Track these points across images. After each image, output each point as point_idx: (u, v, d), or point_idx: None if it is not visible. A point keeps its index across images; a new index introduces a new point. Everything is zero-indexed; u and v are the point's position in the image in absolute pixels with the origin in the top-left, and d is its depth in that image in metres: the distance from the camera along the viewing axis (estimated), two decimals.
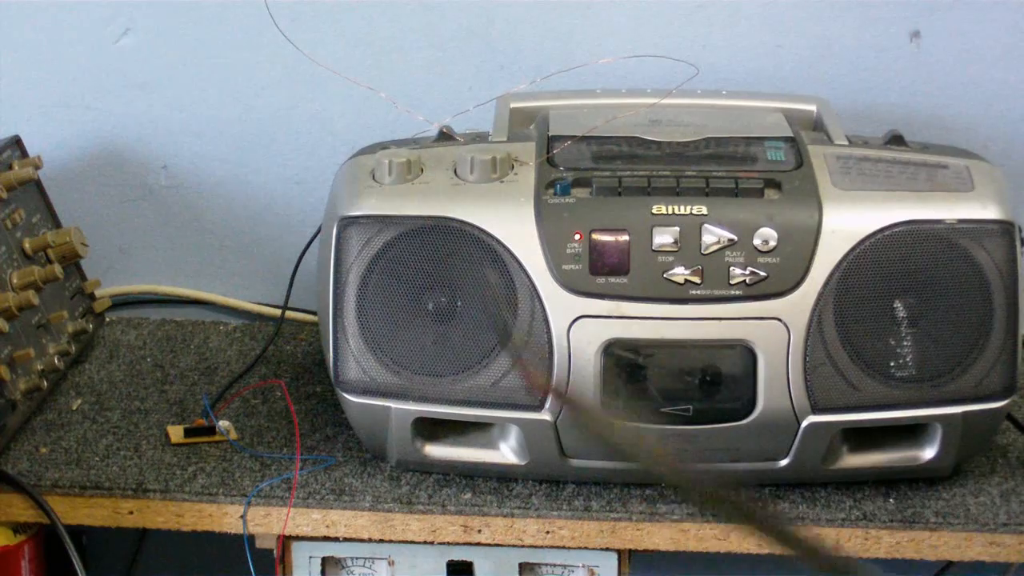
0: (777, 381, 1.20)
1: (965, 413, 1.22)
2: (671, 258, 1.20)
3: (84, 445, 1.33)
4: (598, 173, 1.24)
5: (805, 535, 0.82)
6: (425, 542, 1.25)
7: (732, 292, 1.19)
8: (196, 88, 1.60)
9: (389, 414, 1.24)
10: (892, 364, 1.21)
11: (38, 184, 1.48)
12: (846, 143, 1.30)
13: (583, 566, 1.27)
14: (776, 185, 1.22)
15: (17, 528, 1.33)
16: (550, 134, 1.30)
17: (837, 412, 1.21)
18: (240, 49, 1.58)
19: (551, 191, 1.22)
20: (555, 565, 1.28)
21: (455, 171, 1.25)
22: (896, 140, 1.31)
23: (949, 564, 1.51)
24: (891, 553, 1.23)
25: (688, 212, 1.20)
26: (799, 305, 1.19)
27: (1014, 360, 1.22)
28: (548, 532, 1.24)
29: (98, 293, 1.54)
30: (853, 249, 1.20)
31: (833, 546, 1.15)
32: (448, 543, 1.26)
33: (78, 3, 1.57)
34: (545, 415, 1.22)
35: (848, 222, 1.20)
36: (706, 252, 1.20)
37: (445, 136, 1.32)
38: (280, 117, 1.60)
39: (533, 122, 1.36)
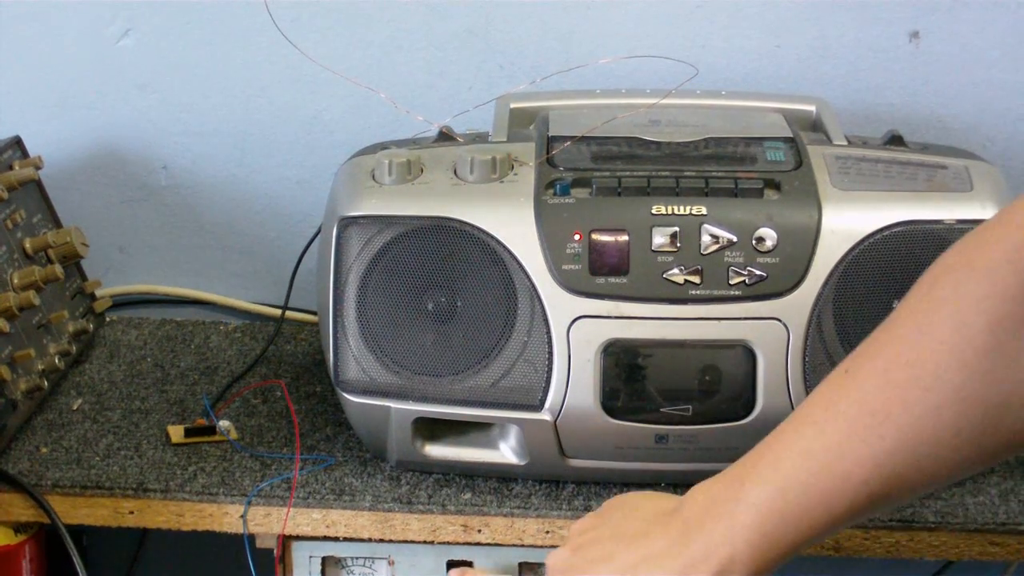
0: (777, 381, 1.20)
1: None
2: (671, 258, 1.20)
3: (84, 445, 1.33)
4: (598, 173, 1.24)
5: None
6: (425, 542, 1.26)
7: (731, 292, 1.20)
8: (196, 88, 1.60)
9: (389, 414, 1.24)
10: None
11: (39, 184, 1.48)
12: (845, 143, 1.30)
13: None
14: (775, 185, 1.23)
15: (18, 528, 1.33)
16: (550, 134, 1.30)
17: None
18: (240, 49, 1.58)
19: (551, 191, 1.23)
20: None
21: (455, 171, 1.25)
22: (895, 140, 1.31)
23: (948, 564, 1.52)
24: (890, 553, 1.23)
25: (687, 212, 1.20)
26: (798, 305, 1.20)
27: None
28: (548, 532, 1.24)
29: (98, 293, 1.54)
30: (852, 249, 1.20)
31: None
32: (448, 543, 1.26)
33: (79, 4, 1.58)
34: (545, 415, 1.22)
35: (847, 222, 1.21)
36: (705, 252, 1.20)
37: (445, 136, 1.32)
38: (280, 117, 1.60)
39: (533, 122, 1.36)
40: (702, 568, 0.91)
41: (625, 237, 1.20)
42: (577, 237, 1.20)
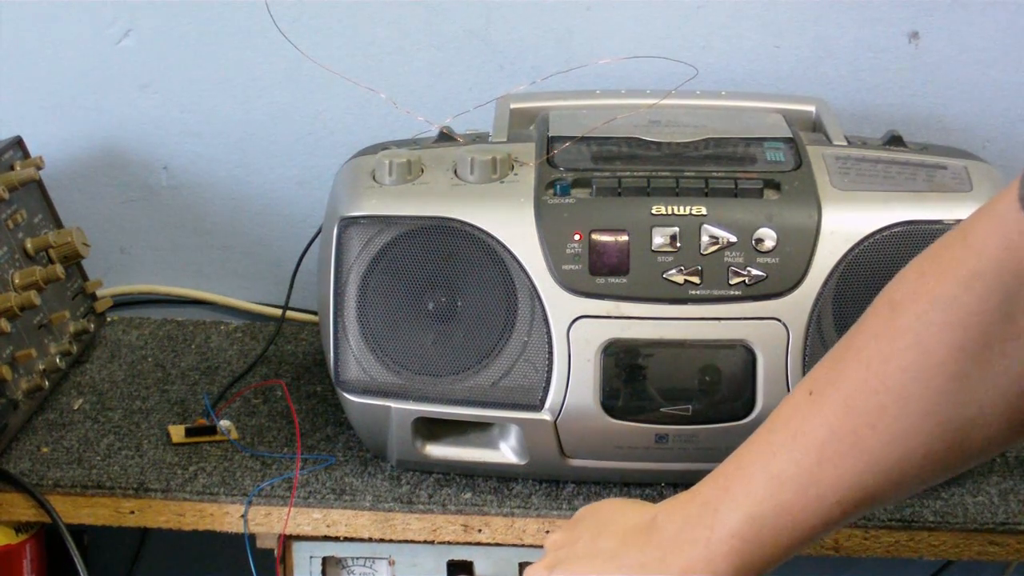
0: (776, 381, 1.20)
1: None
2: (670, 258, 1.20)
3: (85, 445, 1.34)
4: (598, 173, 1.24)
5: None
6: (425, 542, 1.26)
7: (731, 292, 1.20)
8: (197, 89, 1.60)
9: (389, 414, 1.24)
10: None
11: (40, 184, 1.48)
12: (845, 144, 1.30)
13: None
14: (775, 186, 1.23)
15: (19, 527, 1.33)
16: (550, 135, 1.30)
17: None
18: (240, 49, 1.59)
19: (551, 191, 1.23)
20: None
21: (455, 171, 1.25)
22: (895, 141, 1.31)
23: (947, 563, 1.52)
24: (890, 552, 1.23)
25: (687, 212, 1.21)
26: (798, 305, 1.20)
27: None
28: (548, 532, 1.24)
29: (99, 293, 1.55)
30: (852, 249, 1.20)
31: None
32: (448, 543, 1.26)
33: (80, 4, 1.58)
34: (545, 415, 1.22)
35: (847, 222, 1.21)
36: (705, 252, 1.20)
37: (445, 136, 1.32)
38: (280, 117, 1.61)
39: (533, 123, 1.36)
40: None
41: (625, 237, 1.20)
42: (577, 237, 1.20)
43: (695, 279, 1.20)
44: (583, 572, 0.97)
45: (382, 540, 1.27)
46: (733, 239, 1.20)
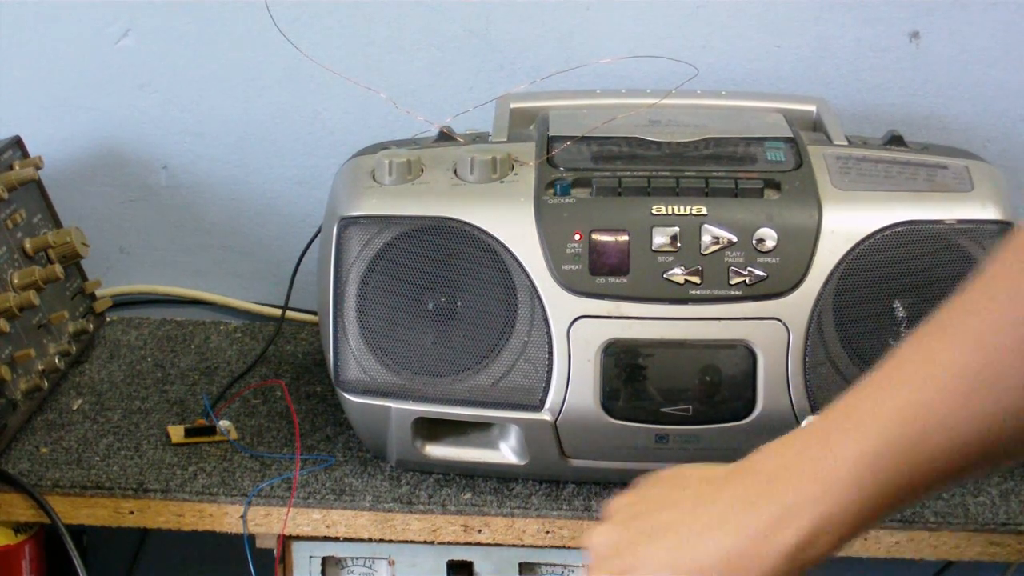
0: (777, 381, 1.20)
1: None
2: (671, 258, 1.20)
3: (85, 445, 1.33)
4: (598, 173, 1.24)
5: None
6: (425, 542, 1.26)
7: (732, 292, 1.20)
8: (196, 88, 1.60)
9: (389, 414, 1.24)
10: None
11: (39, 184, 1.48)
12: (846, 143, 1.30)
13: (583, 566, 1.28)
14: (776, 185, 1.23)
15: (18, 528, 1.33)
16: (550, 134, 1.30)
17: None
18: (240, 49, 1.58)
19: (551, 191, 1.23)
20: (555, 565, 1.28)
21: (455, 171, 1.25)
22: (895, 140, 1.31)
23: (948, 564, 1.52)
24: (891, 553, 1.23)
25: (688, 212, 1.20)
26: (799, 305, 1.20)
27: None
28: (548, 532, 1.24)
29: (99, 293, 1.54)
30: (853, 249, 1.20)
31: None
32: (448, 543, 1.26)
33: (79, 4, 1.58)
34: (545, 415, 1.22)
35: (848, 222, 1.21)
36: (706, 252, 1.20)
37: (445, 136, 1.32)
38: (280, 117, 1.60)
39: (533, 122, 1.36)
40: (791, 525, 0.82)
41: (625, 237, 1.20)
42: (577, 237, 1.20)
43: (695, 279, 1.20)
44: (665, 523, 0.87)
45: (382, 540, 1.26)
46: (733, 239, 1.20)
